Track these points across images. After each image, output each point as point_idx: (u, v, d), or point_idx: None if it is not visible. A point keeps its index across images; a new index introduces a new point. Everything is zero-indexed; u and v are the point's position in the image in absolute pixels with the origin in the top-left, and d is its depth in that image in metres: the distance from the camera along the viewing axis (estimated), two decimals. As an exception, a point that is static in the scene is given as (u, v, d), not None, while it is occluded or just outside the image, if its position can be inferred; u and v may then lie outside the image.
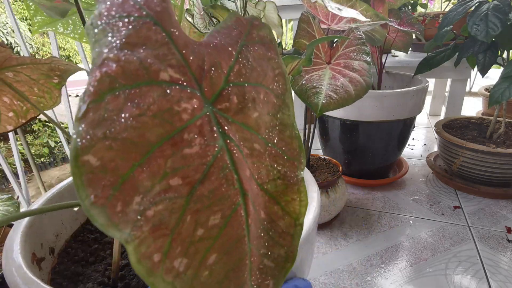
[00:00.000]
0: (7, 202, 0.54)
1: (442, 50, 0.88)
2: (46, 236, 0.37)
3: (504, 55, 0.81)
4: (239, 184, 0.17)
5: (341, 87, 0.52)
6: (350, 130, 0.84)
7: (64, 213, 0.40)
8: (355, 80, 0.54)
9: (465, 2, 0.75)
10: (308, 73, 0.54)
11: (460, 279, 0.58)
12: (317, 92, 0.51)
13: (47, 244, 0.37)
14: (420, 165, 1.05)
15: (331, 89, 0.51)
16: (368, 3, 0.73)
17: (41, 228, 0.36)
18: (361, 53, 0.58)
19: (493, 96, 0.69)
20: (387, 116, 0.78)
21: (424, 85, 0.82)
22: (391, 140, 0.85)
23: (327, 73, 0.54)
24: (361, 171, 0.92)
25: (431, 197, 0.85)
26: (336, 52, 0.57)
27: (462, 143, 0.82)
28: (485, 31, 0.66)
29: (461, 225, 0.73)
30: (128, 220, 0.14)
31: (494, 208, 0.79)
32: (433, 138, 1.29)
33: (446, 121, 0.99)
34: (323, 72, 0.54)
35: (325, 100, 0.50)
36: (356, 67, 0.56)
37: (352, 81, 0.53)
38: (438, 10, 1.62)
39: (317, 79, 0.52)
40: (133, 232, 0.14)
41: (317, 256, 0.66)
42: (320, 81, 0.52)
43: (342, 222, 0.77)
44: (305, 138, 0.73)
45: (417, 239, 0.69)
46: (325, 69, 0.54)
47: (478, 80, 2.17)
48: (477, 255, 0.64)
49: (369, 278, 0.60)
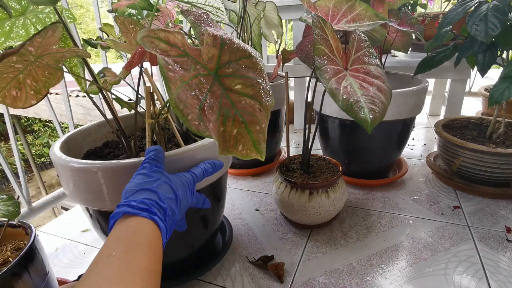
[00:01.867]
0: (7, 202, 0.54)
1: (442, 50, 0.88)
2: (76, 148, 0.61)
3: (503, 55, 0.81)
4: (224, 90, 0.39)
5: (377, 98, 0.51)
6: (350, 130, 0.84)
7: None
8: (382, 88, 0.53)
9: (464, 2, 0.75)
10: (336, 81, 0.51)
11: (459, 279, 0.58)
12: (361, 106, 0.49)
13: (76, 151, 0.61)
14: (420, 165, 1.05)
15: (369, 101, 0.50)
16: (368, 3, 0.73)
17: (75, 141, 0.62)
18: (372, 56, 0.57)
19: (493, 96, 0.69)
20: (387, 116, 0.78)
21: (424, 85, 0.82)
22: (391, 140, 0.85)
23: (351, 81, 0.52)
24: (361, 171, 0.92)
25: (431, 197, 0.85)
26: (350, 57, 0.57)
27: (461, 143, 0.82)
28: (484, 31, 0.66)
29: (460, 225, 0.73)
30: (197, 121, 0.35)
31: (494, 208, 0.79)
32: (432, 138, 1.30)
33: (446, 121, 0.99)
34: (347, 79, 0.52)
35: (372, 115, 0.48)
36: (375, 73, 0.55)
37: (380, 89, 0.52)
38: (437, 10, 1.62)
39: (352, 92, 0.50)
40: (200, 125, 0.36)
41: (317, 256, 0.66)
42: (355, 93, 0.50)
43: (342, 222, 0.77)
44: (305, 138, 0.73)
45: (417, 239, 0.69)
46: (346, 76, 0.53)
47: (478, 80, 2.17)
48: (477, 255, 0.64)
49: (369, 278, 0.60)
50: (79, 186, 0.48)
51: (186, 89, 0.35)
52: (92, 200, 0.48)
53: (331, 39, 0.54)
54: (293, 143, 1.33)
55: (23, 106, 0.46)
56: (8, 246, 0.56)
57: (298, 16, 1.27)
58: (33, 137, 6.58)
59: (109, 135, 0.68)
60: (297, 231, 0.74)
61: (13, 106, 0.46)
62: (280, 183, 0.73)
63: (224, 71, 0.39)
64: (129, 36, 0.51)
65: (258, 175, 1.04)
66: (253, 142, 0.37)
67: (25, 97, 0.46)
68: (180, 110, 0.34)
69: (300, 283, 0.59)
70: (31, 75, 0.45)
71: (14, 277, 0.47)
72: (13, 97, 0.45)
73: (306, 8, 0.66)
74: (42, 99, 0.47)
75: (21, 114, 4.40)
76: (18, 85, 0.45)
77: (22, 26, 0.47)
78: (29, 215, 0.75)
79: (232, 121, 0.37)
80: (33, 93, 0.46)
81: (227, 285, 0.60)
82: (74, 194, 0.50)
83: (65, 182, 0.50)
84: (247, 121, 0.38)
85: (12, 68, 0.43)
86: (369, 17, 0.63)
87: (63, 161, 0.48)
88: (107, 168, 0.45)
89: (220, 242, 0.69)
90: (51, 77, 0.47)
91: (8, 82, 0.44)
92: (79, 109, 3.14)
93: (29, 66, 0.45)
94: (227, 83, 0.38)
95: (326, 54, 0.53)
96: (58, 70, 0.47)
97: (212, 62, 0.39)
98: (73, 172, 0.47)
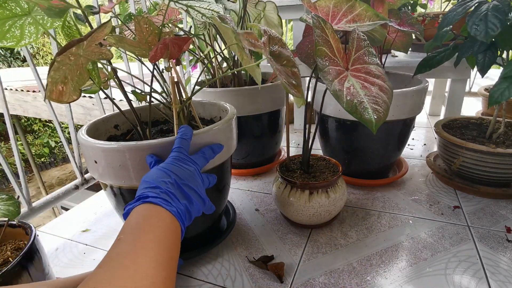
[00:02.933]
0: (7, 202, 0.54)
1: (442, 50, 0.88)
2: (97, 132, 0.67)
3: (503, 55, 0.81)
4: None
5: (380, 98, 0.51)
6: (350, 130, 0.84)
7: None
8: (383, 87, 0.53)
9: (464, 2, 0.75)
10: (339, 83, 0.52)
11: (459, 279, 0.58)
12: (365, 107, 0.49)
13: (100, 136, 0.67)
14: (420, 165, 1.05)
15: (372, 101, 0.50)
16: (368, 3, 0.73)
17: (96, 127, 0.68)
18: (371, 55, 0.57)
19: (493, 96, 0.69)
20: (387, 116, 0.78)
21: (424, 85, 0.82)
22: (391, 140, 0.85)
23: (353, 81, 0.52)
24: (361, 171, 0.92)
25: (431, 197, 0.85)
26: (350, 57, 0.57)
27: (461, 143, 0.82)
28: (484, 31, 0.66)
29: (460, 225, 0.73)
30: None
31: (494, 208, 0.79)
32: (432, 138, 1.30)
33: (446, 121, 0.99)
34: (349, 79, 0.53)
35: (376, 115, 0.48)
36: (376, 73, 0.55)
37: (382, 89, 0.53)
38: (437, 10, 1.62)
39: (355, 92, 0.50)
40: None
41: (317, 256, 0.66)
42: (358, 93, 0.50)
43: (342, 222, 0.77)
44: (305, 138, 0.73)
45: (417, 239, 0.69)
46: (348, 77, 0.53)
47: (478, 80, 2.17)
48: (477, 255, 0.64)
49: (369, 277, 0.60)
50: (110, 165, 0.53)
51: (277, 71, 0.50)
52: (121, 178, 0.54)
53: (332, 40, 0.54)
54: (293, 143, 1.33)
55: (68, 101, 0.47)
56: (8, 246, 0.56)
57: (298, 16, 1.27)
58: (33, 137, 6.58)
59: (112, 130, 0.71)
60: (297, 231, 0.74)
61: (59, 101, 0.47)
62: (280, 183, 0.73)
63: (274, 53, 0.54)
64: (141, 34, 0.53)
65: (258, 175, 1.04)
66: (302, 95, 0.54)
67: (68, 92, 0.47)
68: (282, 83, 0.49)
69: (300, 283, 0.59)
70: (71, 72, 0.46)
71: (14, 277, 0.47)
72: (59, 92, 0.46)
73: (306, 8, 0.66)
74: (80, 96, 0.48)
75: (21, 114, 4.40)
76: (64, 79, 0.46)
77: (20, 27, 0.47)
78: (29, 215, 0.75)
79: (293, 84, 0.53)
80: (73, 90, 0.47)
81: (227, 285, 0.60)
82: (104, 175, 0.55)
83: (95, 164, 0.55)
84: (298, 83, 0.54)
85: (68, 60, 0.44)
86: (369, 17, 0.63)
87: (95, 143, 0.53)
88: (137, 147, 0.51)
89: (225, 224, 0.77)
90: (81, 77, 0.47)
91: (60, 75, 0.45)
92: (79, 109, 3.14)
93: (74, 63, 0.45)
94: (279, 61, 0.54)
95: (327, 55, 0.53)
96: (86, 71, 0.47)
97: (267, 48, 0.53)
98: (106, 153, 0.52)
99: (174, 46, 0.49)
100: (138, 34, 0.53)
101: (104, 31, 0.44)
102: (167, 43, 0.49)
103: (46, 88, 0.45)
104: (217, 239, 0.69)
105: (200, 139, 0.54)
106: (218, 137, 0.57)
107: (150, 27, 0.53)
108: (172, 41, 0.49)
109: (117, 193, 0.59)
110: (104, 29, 0.44)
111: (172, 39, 0.50)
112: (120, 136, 0.71)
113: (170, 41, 0.49)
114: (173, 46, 0.49)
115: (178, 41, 0.50)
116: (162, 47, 0.49)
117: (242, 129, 0.93)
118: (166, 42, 0.49)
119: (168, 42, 0.49)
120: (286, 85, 0.49)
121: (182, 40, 0.50)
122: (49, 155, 6.53)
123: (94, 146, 0.53)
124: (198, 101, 0.78)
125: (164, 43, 0.49)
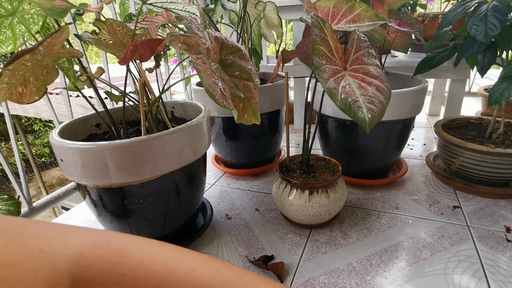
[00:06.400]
0: (8, 202, 0.54)
1: (442, 50, 0.88)
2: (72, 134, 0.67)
3: (503, 55, 0.81)
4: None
5: (376, 98, 0.51)
6: (349, 130, 0.85)
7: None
8: (381, 88, 0.53)
9: (464, 3, 0.75)
10: (335, 81, 0.52)
11: (459, 279, 0.58)
12: (359, 106, 0.50)
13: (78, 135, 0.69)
14: (420, 165, 1.05)
15: (367, 101, 0.50)
16: (367, 3, 0.73)
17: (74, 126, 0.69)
18: (371, 56, 0.57)
19: (493, 96, 0.69)
20: (387, 116, 0.78)
21: (423, 85, 0.82)
22: (391, 140, 0.86)
23: (349, 81, 0.52)
24: (360, 171, 0.92)
25: (431, 197, 0.86)
26: (349, 57, 0.57)
27: (461, 143, 0.82)
28: (484, 31, 0.66)
29: (460, 225, 0.73)
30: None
31: (494, 208, 0.79)
32: (432, 138, 1.30)
33: (446, 121, 0.99)
34: (346, 79, 0.53)
35: (370, 114, 0.49)
36: (374, 73, 0.55)
37: (379, 89, 0.53)
38: (437, 11, 1.62)
39: (350, 91, 0.51)
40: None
41: (316, 256, 0.66)
42: (353, 92, 0.51)
43: (341, 222, 0.77)
44: (305, 138, 0.73)
45: (417, 239, 0.69)
46: (345, 76, 0.54)
47: (478, 80, 2.17)
48: (477, 254, 0.64)
49: (369, 277, 0.60)
50: (88, 166, 0.53)
51: (208, 77, 0.46)
52: (99, 177, 0.54)
53: (330, 39, 0.55)
54: (293, 143, 1.33)
55: (28, 102, 0.51)
56: (9, 246, 0.56)
57: (298, 16, 1.27)
58: (34, 137, 6.58)
59: (92, 129, 0.73)
60: (297, 231, 0.74)
61: (19, 102, 0.50)
62: (280, 183, 0.74)
63: (225, 62, 0.50)
64: (115, 37, 0.54)
65: (258, 175, 1.04)
66: (253, 111, 0.49)
67: (29, 94, 0.50)
68: (210, 93, 0.44)
69: (300, 283, 0.59)
70: (34, 73, 0.49)
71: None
72: (19, 94, 0.49)
73: (306, 8, 0.66)
74: (44, 95, 0.51)
75: (21, 114, 4.41)
76: (24, 82, 0.49)
77: (9, 26, 0.47)
78: (30, 215, 0.75)
79: (239, 98, 0.48)
80: (35, 90, 0.50)
81: (227, 285, 0.60)
82: (82, 175, 0.55)
83: (73, 165, 0.54)
84: (248, 97, 0.49)
85: (24, 66, 0.47)
86: (369, 18, 0.63)
87: (70, 144, 0.53)
88: (115, 146, 0.51)
89: (202, 221, 0.78)
90: (48, 76, 0.50)
91: (18, 79, 0.48)
92: (79, 109, 3.14)
93: (36, 64, 0.48)
94: (228, 71, 0.50)
95: (325, 54, 0.53)
96: (54, 70, 0.50)
97: (216, 56, 0.50)
98: (82, 153, 0.53)
99: (144, 48, 0.50)
100: (112, 37, 0.54)
101: (62, 35, 0.47)
102: (137, 45, 0.49)
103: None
104: (193, 235, 0.71)
105: (164, 141, 0.54)
106: (182, 139, 0.57)
107: (123, 29, 0.54)
108: (142, 43, 0.49)
109: (84, 189, 0.60)
110: (61, 34, 0.47)
111: (143, 41, 0.50)
112: (102, 134, 0.72)
113: (140, 43, 0.49)
114: (144, 48, 0.49)
115: (149, 43, 0.50)
116: (132, 49, 0.49)
117: (242, 129, 0.94)
118: (136, 45, 0.49)
119: (138, 45, 0.49)
120: (217, 93, 0.46)
121: (154, 42, 0.50)
122: (49, 155, 6.53)
123: (58, 145, 0.55)
124: (180, 102, 0.80)
125: (134, 46, 0.49)
